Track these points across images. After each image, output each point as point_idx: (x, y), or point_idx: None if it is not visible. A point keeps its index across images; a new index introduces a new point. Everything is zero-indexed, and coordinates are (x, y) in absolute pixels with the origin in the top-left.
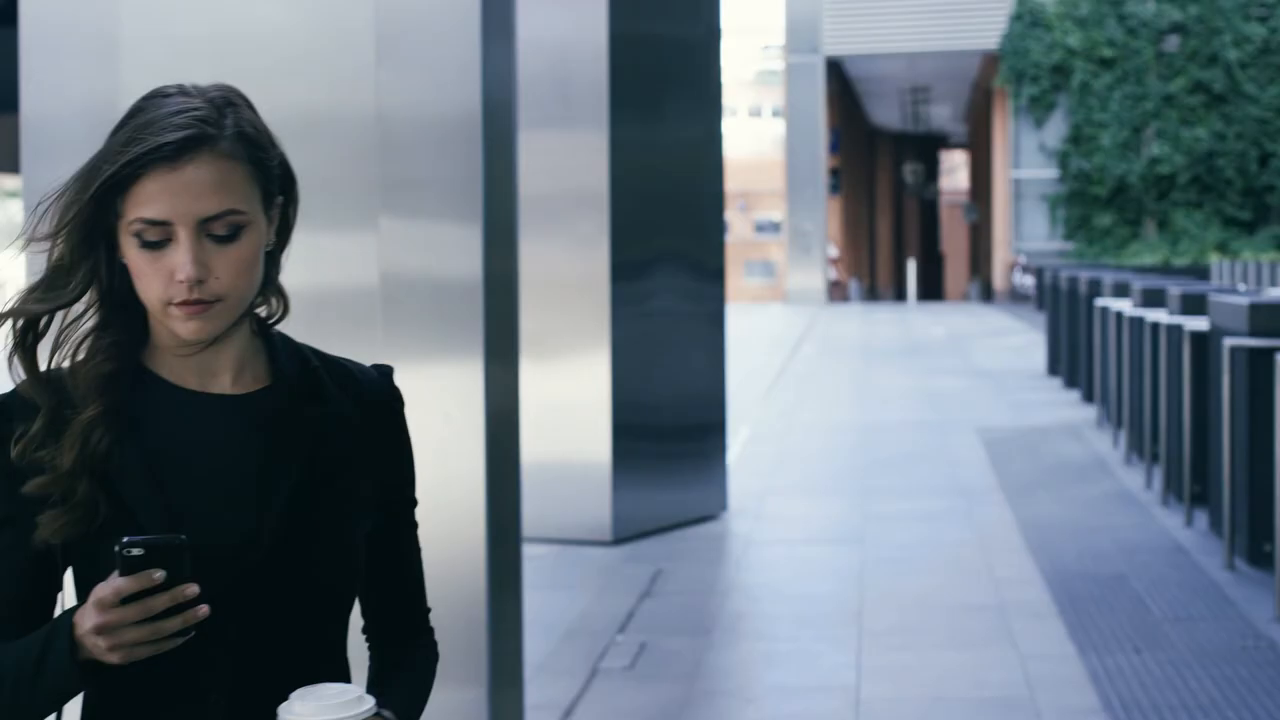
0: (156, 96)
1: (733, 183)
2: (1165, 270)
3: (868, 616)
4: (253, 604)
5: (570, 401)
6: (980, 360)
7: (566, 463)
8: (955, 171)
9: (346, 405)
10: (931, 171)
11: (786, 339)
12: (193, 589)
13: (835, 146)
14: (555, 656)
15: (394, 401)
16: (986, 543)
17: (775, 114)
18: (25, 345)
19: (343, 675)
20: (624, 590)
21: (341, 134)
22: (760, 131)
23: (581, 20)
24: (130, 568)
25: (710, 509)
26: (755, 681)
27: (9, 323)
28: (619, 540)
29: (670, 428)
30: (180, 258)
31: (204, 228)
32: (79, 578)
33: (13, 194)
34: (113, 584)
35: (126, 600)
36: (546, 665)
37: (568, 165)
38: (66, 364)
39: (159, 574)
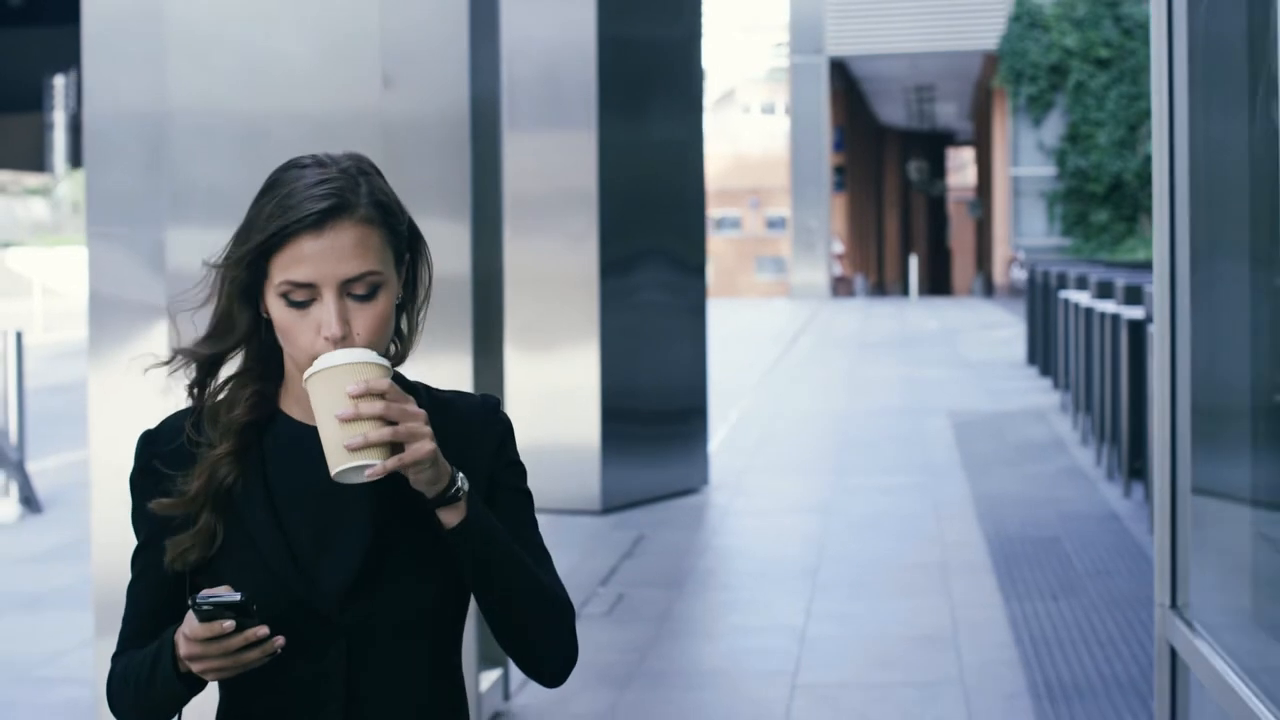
0: (294, 168)
1: (745, 180)
2: None
3: (823, 573)
4: (358, 623)
5: (563, 386)
6: (967, 351)
7: (559, 442)
8: (964, 168)
9: (440, 431)
10: (938, 168)
11: (786, 332)
12: (262, 630)
13: (839, 145)
14: None
15: (490, 422)
16: (941, 512)
17: (788, 111)
18: (202, 382)
19: (456, 691)
20: (608, 551)
21: (351, 143)
22: (773, 129)
23: (571, 24)
24: (204, 618)
25: (692, 483)
26: (716, 623)
27: (177, 361)
28: (607, 510)
29: (655, 411)
30: (325, 315)
31: (345, 288)
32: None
33: (33, 191)
34: (192, 627)
35: (206, 640)
36: None
37: (559, 166)
38: (207, 402)
39: (229, 624)
